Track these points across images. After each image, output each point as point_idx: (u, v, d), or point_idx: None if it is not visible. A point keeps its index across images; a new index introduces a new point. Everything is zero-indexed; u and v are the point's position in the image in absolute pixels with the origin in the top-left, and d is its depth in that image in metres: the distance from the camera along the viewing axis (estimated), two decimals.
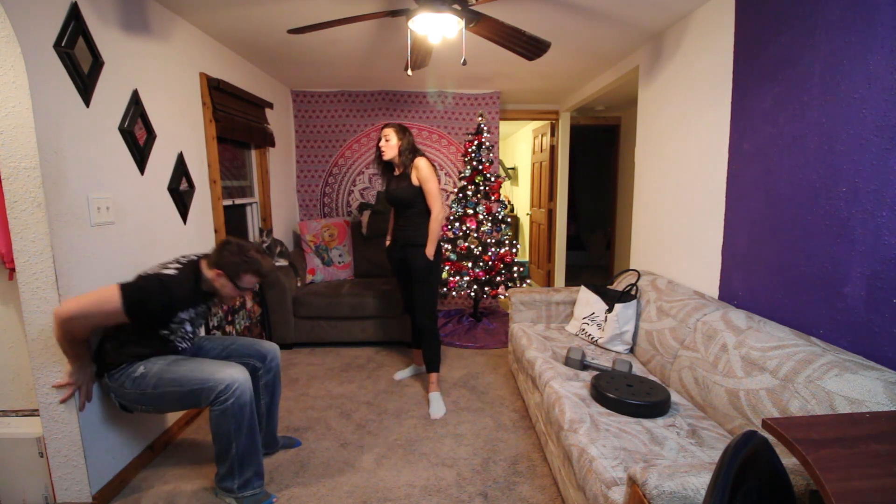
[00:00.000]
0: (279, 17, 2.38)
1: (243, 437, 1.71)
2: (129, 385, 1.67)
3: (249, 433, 1.72)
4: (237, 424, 1.69)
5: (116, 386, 1.69)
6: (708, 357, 1.76)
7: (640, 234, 3.04)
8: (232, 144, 3.18)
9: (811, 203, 1.60)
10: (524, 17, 2.38)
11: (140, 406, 1.71)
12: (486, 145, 3.90)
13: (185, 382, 1.67)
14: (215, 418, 1.69)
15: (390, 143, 2.48)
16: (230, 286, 1.75)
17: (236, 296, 1.82)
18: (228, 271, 1.73)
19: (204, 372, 1.69)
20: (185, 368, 1.71)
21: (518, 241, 4.81)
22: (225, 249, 1.74)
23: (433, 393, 2.59)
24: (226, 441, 1.70)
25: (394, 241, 2.67)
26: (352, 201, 4.42)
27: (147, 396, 1.67)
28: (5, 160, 1.53)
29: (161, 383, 1.67)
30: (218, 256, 1.74)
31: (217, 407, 1.67)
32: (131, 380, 1.67)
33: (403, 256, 2.58)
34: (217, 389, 1.66)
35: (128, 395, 1.68)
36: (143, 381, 1.67)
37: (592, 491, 1.35)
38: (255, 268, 1.75)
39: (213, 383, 1.67)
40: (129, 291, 1.57)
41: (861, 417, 0.97)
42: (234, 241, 1.77)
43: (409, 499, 1.81)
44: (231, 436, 1.69)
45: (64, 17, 1.65)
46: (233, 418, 1.68)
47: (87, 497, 1.73)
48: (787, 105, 1.71)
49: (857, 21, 1.42)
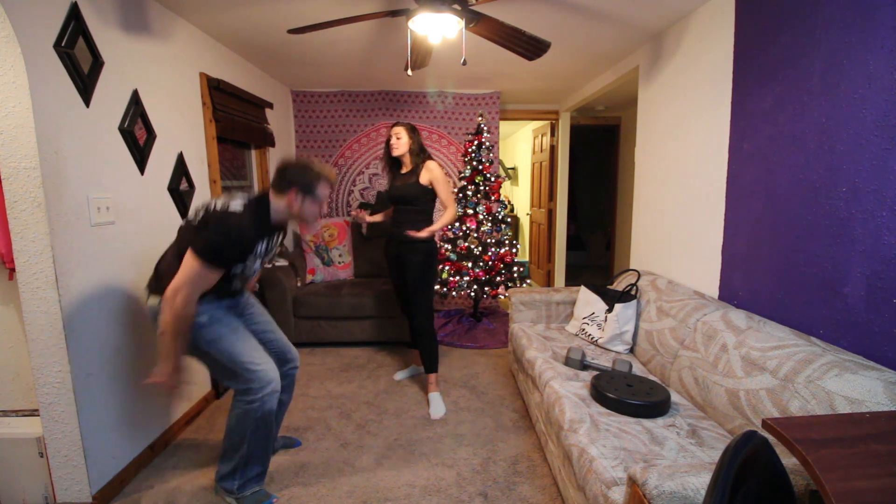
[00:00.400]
0: (279, 17, 2.38)
1: (258, 441, 1.69)
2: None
3: (265, 439, 1.71)
4: (255, 427, 1.67)
5: None
6: (708, 357, 1.76)
7: (640, 234, 3.04)
8: (232, 144, 3.18)
9: (811, 203, 1.60)
10: (524, 17, 2.38)
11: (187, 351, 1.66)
12: (486, 145, 3.90)
13: (235, 359, 1.64)
14: (237, 414, 1.67)
15: (401, 140, 2.52)
16: (310, 202, 1.67)
17: (318, 212, 1.73)
18: (304, 188, 1.64)
19: (254, 358, 1.67)
20: (243, 345, 1.68)
21: (518, 241, 4.81)
22: (288, 171, 1.65)
23: (433, 393, 2.59)
24: (238, 440, 1.68)
25: (390, 238, 2.68)
26: (352, 201, 4.41)
27: (197, 349, 1.65)
28: (5, 160, 1.53)
29: (215, 346, 1.64)
30: (285, 178, 1.64)
31: (244, 399, 1.65)
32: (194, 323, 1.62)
33: (399, 253, 2.59)
34: (254, 384, 1.64)
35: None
36: (201, 330, 1.63)
37: (592, 491, 1.35)
38: (325, 175, 1.68)
39: (254, 375, 1.64)
40: (205, 255, 1.52)
41: (861, 417, 0.97)
42: (292, 161, 1.68)
43: (409, 499, 1.81)
44: (246, 437, 1.67)
45: (64, 17, 1.65)
46: (254, 421, 1.66)
47: (87, 497, 1.73)
48: (787, 105, 1.71)
49: (857, 21, 1.42)
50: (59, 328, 1.62)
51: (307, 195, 1.66)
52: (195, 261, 1.51)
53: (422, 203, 2.55)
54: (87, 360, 1.73)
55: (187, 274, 1.51)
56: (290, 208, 1.66)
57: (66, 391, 1.66)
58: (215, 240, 1.53)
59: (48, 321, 1.61)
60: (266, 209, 1.67)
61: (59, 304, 1.61)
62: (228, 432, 1.70)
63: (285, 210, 1.68)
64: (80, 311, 1.70)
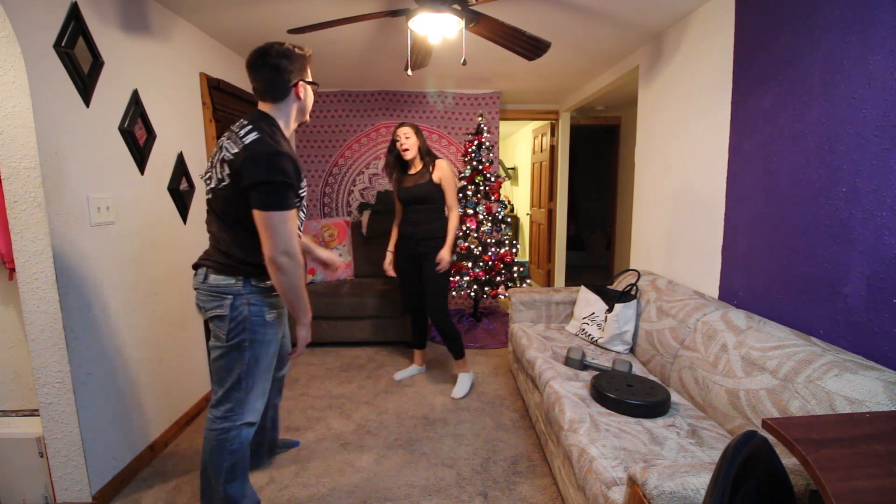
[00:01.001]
0: (279, 17, 2.38)
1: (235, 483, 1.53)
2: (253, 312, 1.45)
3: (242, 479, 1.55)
4: (231, 465, 1.51)
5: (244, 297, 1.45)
6: (708, 357, 1.76)
7: (640, 234, 3.04)
8: None
9: (811, 203, 1.60)
10: (524, 17, 2.38)
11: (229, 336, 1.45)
12: (486, 145, 3.90)
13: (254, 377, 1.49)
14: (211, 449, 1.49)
15: (411, 140, 2.54)
16: (310, 86, 1.51)
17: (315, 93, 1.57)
18: (302, 73, 1.46)
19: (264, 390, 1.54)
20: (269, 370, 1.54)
21: (518, 241, 4.81)
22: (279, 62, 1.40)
23: (463, 374, 2.71)
24: (214, 478, 1.51)
25: (405, 237, 2.67)
26: (352, 201, 4.41)
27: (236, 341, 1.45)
28: (5, 160, 1.53)
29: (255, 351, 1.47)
30: (280, 77, 1.41)
31: (219, 426, 1.49)
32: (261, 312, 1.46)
33: (417, 252, 2.60)
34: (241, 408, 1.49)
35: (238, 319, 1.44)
36: (263, 328, 1.47)
37: (592, 491, 1.35)
38: (303, 48, 1.47)
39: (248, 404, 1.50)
40: (275, 204, 1.33)
41: (861, 417, 0.97)
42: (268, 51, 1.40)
43: (409, 499, 1.81)
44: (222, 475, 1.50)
45: (64, 17, 1.65)
46: (229, 456, 1.50)
47: (87, 497, 1.73)
48: (787, 105, 1.71)
49: (857, 21, 1.42)
50: (59, 328, 1.62)
51: (308, 82, 1.49)
52: (273, 215, 1.33)
53: (437, 201, 2.59)
54: (87, 360, 1.73)
55: (274, 231, 1.34)
56: (300, 106, 1.48)
57: (66, 391, 1.66)
58: (271, 180, 1.32)
59: (48, 321, 1.61)
60: (278, 131, 1.44)
61: (59, 304, 1.61)
62: (203, 468, 1.55)
63: (294, 113, 1.49)
64: (80, 311, 1.70)
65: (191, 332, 2.44)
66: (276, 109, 1.46)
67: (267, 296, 1.50)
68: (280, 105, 1.46)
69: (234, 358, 1.47)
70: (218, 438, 1.50)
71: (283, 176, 1.33)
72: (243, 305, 1.45)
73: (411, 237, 2.63)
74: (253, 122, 1.41)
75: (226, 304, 1.44)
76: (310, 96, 1.53)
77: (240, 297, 1.45)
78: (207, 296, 1.48)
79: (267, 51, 1.40)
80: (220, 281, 1.45)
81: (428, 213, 2.60)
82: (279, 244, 1.35)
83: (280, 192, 1.34)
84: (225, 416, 1.50)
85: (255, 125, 1.39)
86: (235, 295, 1.45)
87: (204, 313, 1.50)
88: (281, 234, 1.35)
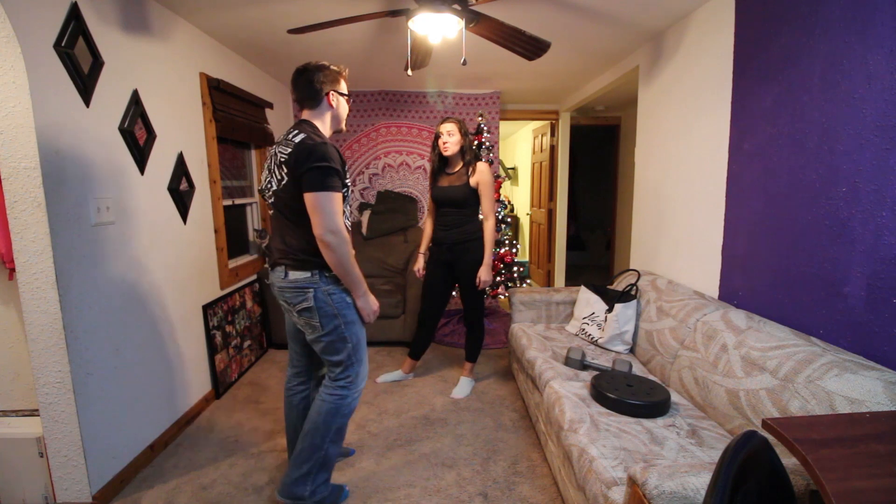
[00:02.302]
0: (279, 17, 2.38)
1: (338, 443, 1.68)
2: (335, 300, 1.61)
3: (341, 440, 1.70)
4: (340, 427, 1.66)
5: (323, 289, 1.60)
6: (708, 357, 1.76)
7: (640, 234, 3.04)
8: (232, 144, 3.18)
9: (811, 203, 1.60)
10: (524, 17, 2.38)
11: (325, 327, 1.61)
12: (486, 145, 3.90)
13: (359, 346, 1.67)
14: (327, 411, 1.64)
15: (453, 137, 2.43)
16: (343, 98, 1.71)
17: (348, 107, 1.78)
18: (335, 85, 1.66)
19: (367, 354, 1.72)
20: (365, 338, 1.72)
21: (518, 241, 4.81)
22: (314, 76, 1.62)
23: (466, 377, 2.68)
24: (319, 440, 1.64)
25: (437, 244, 2.59)
26: (352, 201, 4.41)
27: (331, 324, 1.61)
28: (5, 160, 1.53)
29: (352, 329, 1.65)
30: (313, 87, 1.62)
31: (339, 392, 1.64)
32: (342, 297, 1.62)
33: (451, 258, 2.52)
34: (356, 378, 1.67)
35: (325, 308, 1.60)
36: (350, 309, 1.64)
37: (592, 491, 1.35)
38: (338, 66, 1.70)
39: (361, 369, 1.68)
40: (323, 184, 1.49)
41: (861, 417, 0.97)
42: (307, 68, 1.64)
43: (409, 499, 1.81)
44: (329, 436, 1.64)
45: (64, 17, 1.65)
46: (341, 418, 1.65)
47: (87, 497, 1.73)
48: (787, 105, 1.71)
49: (857, 21, 1.42)
50: (59, 328, 1.62)
51: (339, 92, 1.68)
52: (320, 195, 1.49)
53: (470, 206, 2.48)
54: (87, 360, 1.73)
55: (322, 211, 1.49)
56: (333, 113, 1.68)
57: (66, 391, 1.66)
58: (319, 166, 1.49)
59: (48, 321, 1.61)
60: (314, 127, 1.64)
61: (59, 304, 1.61)
62: (310, 431, 1.64)
63: (329, 120, 1.68)
64: (80, 311, 1.70)
65: (191, 332, 2.44)
66: (313, 115, 1.67)
67: (341, 283, 1.64)
68: (315, 112, 1.66)
69: (338, 344, 1.64)
70: (336, 403, 1.66)
71: (329, 161, 1.50)
72: (324, 295, 1.61)
73: (443, 242, 2.53)
74: (298, 126, 1.61)
75: (309, 297, 1.59)
76: (342, 106, 1.72)
77: (319, 288, 1.60)
78: (292, 292, 1.62)
79: (306, 66, 1.65)
80: (299, 276, 1.60)
81: (460, 216, 2.48)
82: (326, 223, 1.49)
83: (325, 174, 1.49)
84: (345, 385, 1.67)
85: (300, 128, 1.60)
86: (315, 287, 1.60)
87: (292, 307, 1.63)
88: (328, 213, 1.49)
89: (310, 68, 1.64)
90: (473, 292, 2.55)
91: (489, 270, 2.48)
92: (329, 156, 1.51)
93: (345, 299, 1.64)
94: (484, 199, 2.47)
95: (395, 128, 4.33)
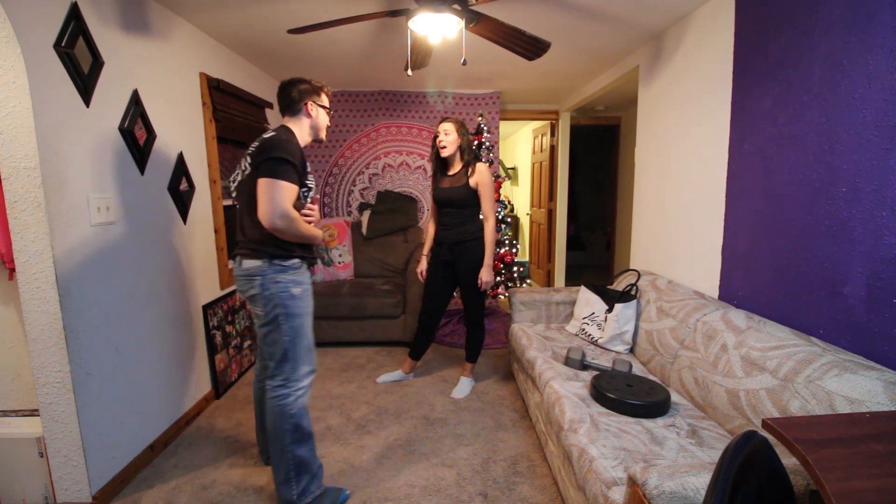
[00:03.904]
0: (279, 17, 2.38)
1: (299, 445, 1.65)
2: (279, 288, 1.61)
3: (305, 439, 1.67)
4: (293, 429, 1.63)
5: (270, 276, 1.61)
6: (708, 357, 1.76)
7: (640, 234, 3.04)
8: (232, 144, 3.17)
9: (811, 203, 1.60)
10: (524, 17, 2.38)
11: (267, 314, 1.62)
12: (486, 145, 3.90)
13: (299, 344, 1.65)
14: (273, 418, 1.64)
15: (450, 137, 2.42)
16: (322, 109, 1.78)
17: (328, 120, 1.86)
18: (313, 96, 1.74)
19: (311, 351, 1.70)
20: (311, 333, 1.71)
21: (518, 241, 4.81)
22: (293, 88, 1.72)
23: (466, 378, 2.68)
24: (280, 445, 1.64)
25: (438, 244, 2.60)
26: (352, 201, 4.41)
27: (274, 318, 1.62)
28: (5, 160, 1.53)
29: (294, 322, 1.64)
30: (294, 95, 1.72)
31: (279, 392, 1.63)
32: (286, 287, 1.62)
33: (451, 258, 2.53)
34: (295, 374, 1.65)
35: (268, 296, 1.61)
36: (294, 301, 1.64)
37: (592, 491, 1.35)
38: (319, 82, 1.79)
39: (301, 367, 1.66)
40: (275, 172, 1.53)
41: (861, 417, 0.97)
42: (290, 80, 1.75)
43: (409, 499, 1.81)
44: (287, 441, 1.63)
45: (64, 17, 1.65)
46: (290, 419, 1.63)
47: (87, 497, 1.73)
48: (787, 105, 1.71)
49: (857, 21, 1.42)
50: (59, 328, 1.62)
51: (318, 104, 1.76)
52: (271, 181, 1.53)
53: (470, 206, 2.48)
54: (86, 360, 1.73)
55: (270, 196, 1.52)
56: (312, 123, 1.76)
57: (66, 391, 1.66)
58: (276, 156, 1.55)
59: (48, 321, 1.61)
60: (292, 134, 1.70)
61: (59, 304, 1.61)
62: (271, 436, 1.66)
63: (307, 128, 1.76)
64: (80, 311, 1.70)
65: (191, 332, 2.44)
66: (291, 122, 1.75)
67: (290, 273, 1.66)
68: (294, 119, 1.75)
69: (276, 333, 1.65)
70: (278, 405, 1.65)
71: (287, 155, 1.56)
72: (270, 283, 1.62)
73: (443, 242, 2.55)
74: (275, 128, 1.70)
75: (256, 284, 1.63)
76: (322, 116, 1.80)
77: (266, 276, 1.62)
78: (243, 280, 1.66)
79: (290, 80, 1.75)
80: (250, 265, 1.63)
81: (460, 216, 2.50)
82: (273, 206, 1.51)
83: (280, 164, 1.54)
84: (281, 384, 1.66)
85: (275, 130, 1.68)
86: (263, 275, 1.62)
87: (243, 296, 1.69)
88: (276, 199, 1.52)
89: (292, 81, 1.75)
90: (474, 292, 2.55)
91: (490, 271, 2.49)
92: (289, 151, 1.57)
93: (290, 291, 1.64)
94: (484, 199, 2.47)
95: (395, 128, 4.33)
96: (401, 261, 3.87)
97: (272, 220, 1.52)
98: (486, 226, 2.49)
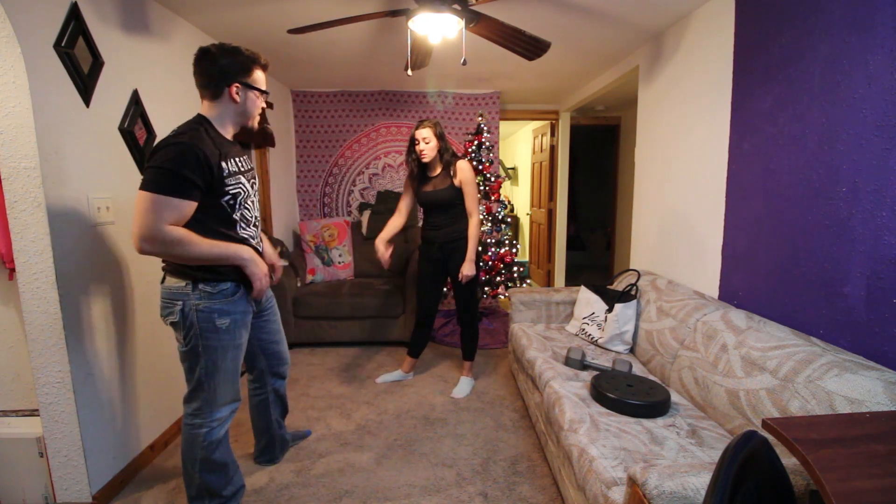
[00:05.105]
0: (279, 17, 2.38)
1: (210, 475, 1.56)
2: (199, 318, 1.42)
3: (218, 470, 1.57)
4: (203, 457, 1.54)
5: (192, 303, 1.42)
6: (708, 357, 1.76)
7: (640, 234, 3.04)
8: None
9: (811, 203, 1.60)
10: (524, 17, 2.38)
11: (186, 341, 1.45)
12: (486, 145, 3.90)
13: (213, 378, 1.48)
14: (185, 442, 1.54)
15: (430, 144, 2.44)
16: (251, 92, 1.47)
17: (261, 105, 1.54)
18: (240, 76, 1.43)
19: (228, 385, 1.53)
20: (233, 368, 1.54)
21: (518, 241, 4.81)
22: (212, 63, 1.40)
23: (465, 377, 2.71)
24: (190, 466, 1.55)
25: (428, 242, 2.63)
26: (352, 201, 4.41)
27: (194, 347, 1.45)
28: (5, 160, 1.53)
29: (212, 355, 1.46)
30: (209, 74, 1.41)
31: (191, 421, 1.52)
32: (208, 317, 1.43)
33: (442, 257, 2.57)
34: (208, 407, 1.51)
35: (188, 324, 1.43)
36: (216, 334, 1.45)
37: (592, 491, 1.35)
38: (256, 56, 1.47)
39: (213, 402, 1.51)
40: (153, 185, 1.28)
41: (861, 417, 0.97)
42: (213, 50, 1.42)
43: (409, 499, 1.81)
44: (197, 468, 1.54)
45: (64, 17, 1.65)
46: (202, 450, 1.53)
47: (87, 497, 1.73)
48: (787, 105, 1.71)
49: (857, 21, 1.42)
50: (59, 328, 1.62)
51: (246, 84, 1.44)
52: (142, 195, 1.28)
53: (457, 205, 2.52)
54: (87, 360, 1.73)
55: (140, 213, 1.28)
56: (237, 109, 1.46)
57: (66, 391, 1.66)
58: (154, 165, 1.31)
59: (48, 321, 1.61)
60: (207, 123, 1.44)
61: (59, 304, 1.61)
62: (182, 454, 1.58)
63: (231, 115, 1.47)
64: (80, 311, 1.70)
65: None
66: (211, 109, 1.47)
67: (218, 301, 1.46)
68: (214, 104, 1.47)
69: (193, 362, 1.48)
70: (191, 433, 1.54)
71: (169, 163, 1.29)
72: (192, 311, 1.43)
73: (434, 242, 2.58)
74: (188, 122, 1.43)
75: (176, 311, 1.43)
76: (251, 101, 1.49)
77: (188, 302, 1.43)
78: (164, 301, 1.47)
79: (208, 48, 1.41)
80: (172, 284, 1.44)
81: (449, 217, 2.54)
82: (140, 228, 1.28)
83: (158, 175, 1.29)
84: (195, 412, 1.53)
85: (185, 124, 1.42)
86: (184, 300, 1.43)
87: (164, 320, 1.48)
88: (144, 218, 1.28)
89: (214, 48, 1.40)
90: (466, 290, 2.58)
91: (472, 265, 2.51)
92: (172, 158, 1.30)
93: (214, 322, 1.45)
94: (467, 196, 2.50)
95: (395, 128, 4.33)
96: (400, 261, 3.87)
97: (138, 244, 1.29)
98: (471, 222, 2.53)
